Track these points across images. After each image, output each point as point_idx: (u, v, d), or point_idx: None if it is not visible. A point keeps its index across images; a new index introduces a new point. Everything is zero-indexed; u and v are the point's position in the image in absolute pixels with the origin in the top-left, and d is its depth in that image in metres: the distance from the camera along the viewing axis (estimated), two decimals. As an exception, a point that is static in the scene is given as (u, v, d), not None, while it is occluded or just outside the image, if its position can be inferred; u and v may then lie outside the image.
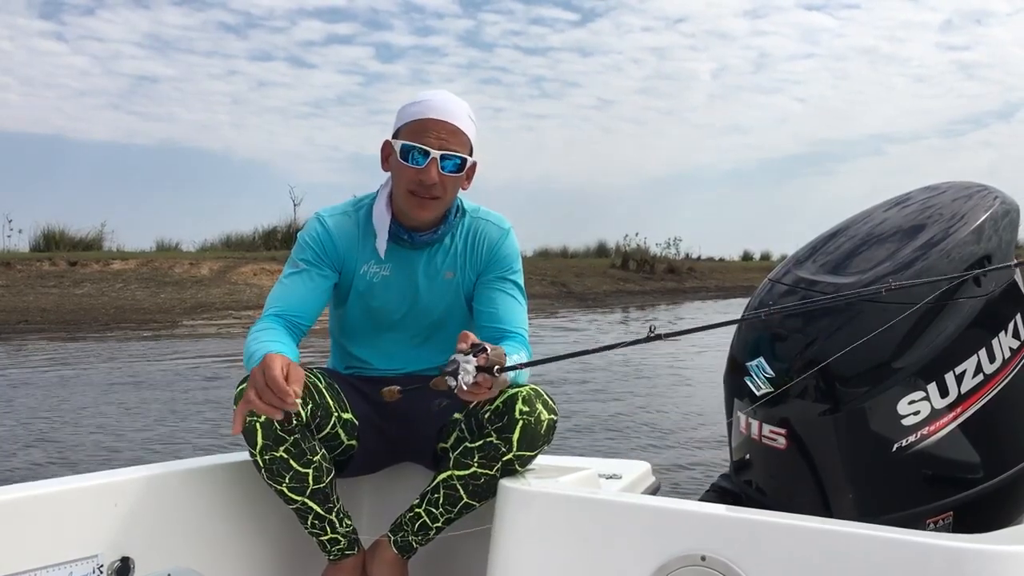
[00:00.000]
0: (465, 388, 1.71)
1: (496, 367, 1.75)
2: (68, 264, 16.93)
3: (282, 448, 1.92)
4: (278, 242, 20.71)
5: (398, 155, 2.08)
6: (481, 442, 1.97)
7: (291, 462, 1.94)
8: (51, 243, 19.13)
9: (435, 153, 2.04)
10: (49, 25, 37.26)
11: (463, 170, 2.09)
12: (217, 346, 11.58)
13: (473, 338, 1.77)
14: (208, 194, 40.73)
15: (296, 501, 1.99)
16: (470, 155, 2.11)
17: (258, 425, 1.89)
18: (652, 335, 1.83)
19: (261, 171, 41.43)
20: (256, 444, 1.90)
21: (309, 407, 1.96)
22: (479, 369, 1.73)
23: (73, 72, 36.19)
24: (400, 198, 2.11)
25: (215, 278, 17.32)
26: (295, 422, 1.92)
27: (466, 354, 1.73)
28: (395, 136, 2.11)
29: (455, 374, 1.71)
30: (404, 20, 43.87)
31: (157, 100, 38.01)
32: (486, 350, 1.76)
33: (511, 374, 1.87)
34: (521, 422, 1.93)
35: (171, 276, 17.09)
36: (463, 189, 2.17)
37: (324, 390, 2.04)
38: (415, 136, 2.06)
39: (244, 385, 1.86)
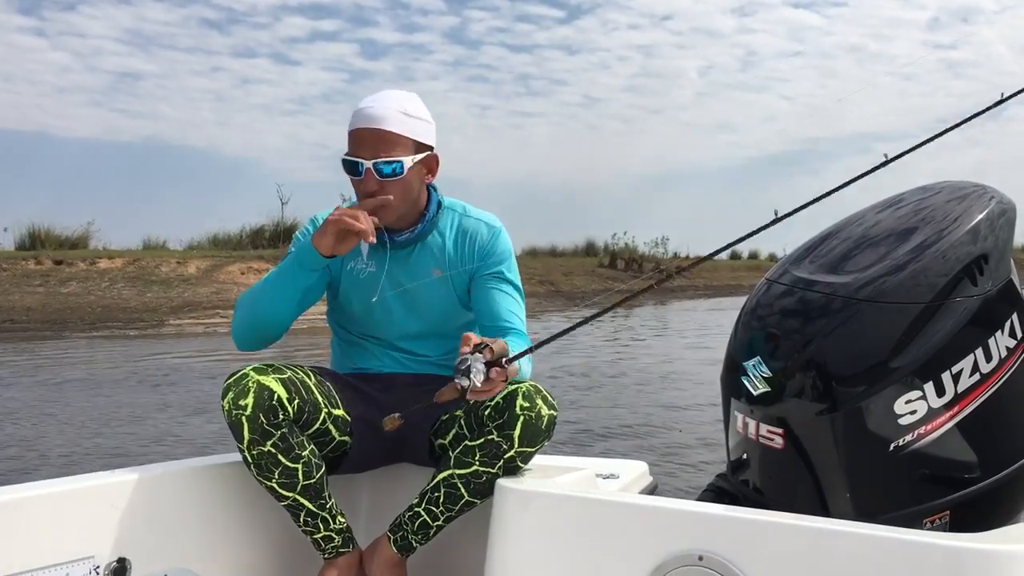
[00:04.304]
0: (479, 386, 1.73)
1: (503, 358, 1.77)
2: (54, 263, 16.81)
3: (269, 443, 1.92)
4: (265, 241, 20.60)
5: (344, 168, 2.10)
6: (482, 440, 1.97)
7: (279, 457, 1.94)
8: (36, 242, 18.91)
9: (367, 163, 2.05)
10: (29, 20, 36.98)
11: (404, 172, 2.06)
12: (204, 345, 11.52)
13: (475, 338, 1.79)
14: (195, 192, 40.54)
15: (287, 497, 1.99)
16: (415, 152, 2.08)
17: (244, 419, 1.89)
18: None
19: (248, 169, 41.31)
20: (243, 439, 1.91)
21: (296, 403, 1.97)
22: (488, 365, 1.75)
23: (54, 68, 35.91)
24: None
25: (202, 277, 17.23)
26: (281, 416, 1.93)
27: (472, 353, 1.75)
28: None
29: (467, 373, 1.72)
30: (389, 16, 43.82)
31: (140, 97, 37.81)
32: (488, 347, 1.78)
33: (520, 365, 1.89)
34: (522, 418, 1.93)
35: (158, 275, 16.99)
36: (428, 181, 2.16)
37: (313, 387, 2.04)
38: (351, 149, 2.08)
39: (230, 382, 1.92)
